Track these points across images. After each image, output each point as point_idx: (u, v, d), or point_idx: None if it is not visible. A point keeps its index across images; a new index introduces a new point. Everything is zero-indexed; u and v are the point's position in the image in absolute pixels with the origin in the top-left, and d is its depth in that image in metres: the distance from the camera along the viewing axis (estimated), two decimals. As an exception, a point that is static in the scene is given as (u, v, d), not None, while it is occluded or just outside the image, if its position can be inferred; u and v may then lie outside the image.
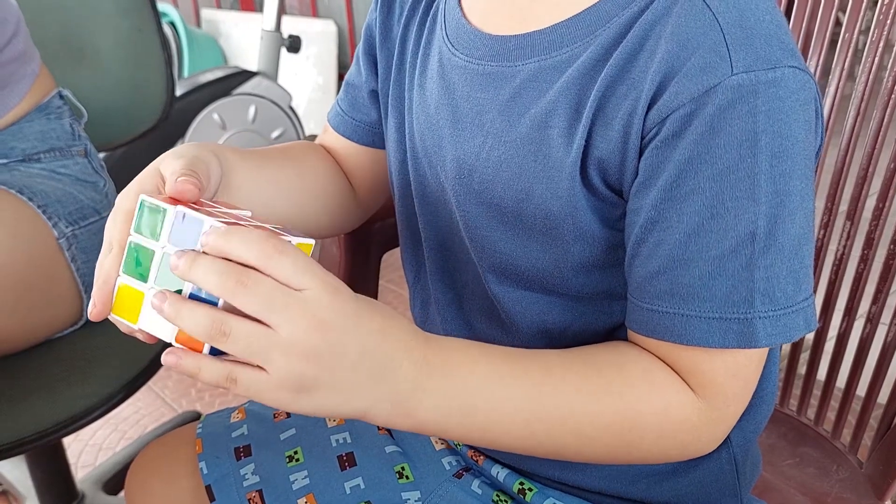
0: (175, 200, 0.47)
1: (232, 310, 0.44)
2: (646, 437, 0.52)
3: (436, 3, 0.63)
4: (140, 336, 0.48)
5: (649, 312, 0.50)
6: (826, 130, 0.79)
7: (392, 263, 0.81)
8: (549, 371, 0.51)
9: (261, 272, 0.43)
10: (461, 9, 0.59)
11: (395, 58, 0.65)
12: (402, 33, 0.65)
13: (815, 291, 0.53)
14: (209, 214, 0.45)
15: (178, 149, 0.54)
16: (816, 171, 0.80)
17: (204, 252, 0.44)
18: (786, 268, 0.48)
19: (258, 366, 0.44)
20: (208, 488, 0.66)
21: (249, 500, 0.64)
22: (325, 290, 0.44)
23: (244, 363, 0.44)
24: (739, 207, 0.47)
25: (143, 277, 0.46)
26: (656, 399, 0.51)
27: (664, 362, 0.52)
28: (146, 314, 0.46)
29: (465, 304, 0.62)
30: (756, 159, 0.46)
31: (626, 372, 0.51)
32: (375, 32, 0.67)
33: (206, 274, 0.43)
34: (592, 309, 0.56)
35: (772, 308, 0.48)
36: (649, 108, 0.48)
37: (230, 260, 0.43)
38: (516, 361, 0.51)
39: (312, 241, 0.48)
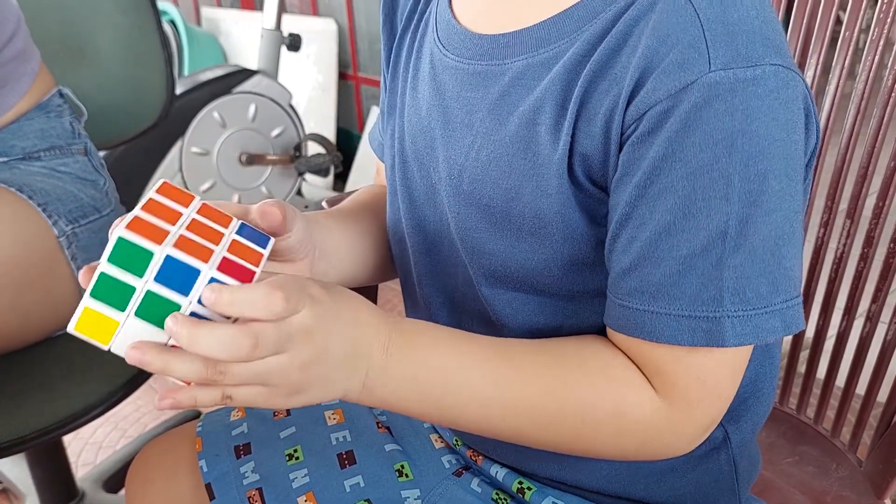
0: (156, 234, 0.45)
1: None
2: (601, 431, 0.52)
3: (429, 8, 0.63)
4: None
5: (621, 308, 0.50)
6: (826, 129, 0.79)
7: (392, 261, 0.81)
8: (510, 358, 0.52)
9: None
10: (452, 11, 0.59)
11: (390, 68, 0.66)
12: (398, 43, 0.65)
13: (815, 290, 0.53)
14: (184, 243, 0.45)
15: None
16: (816, 169, 0.80)
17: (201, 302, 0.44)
18: (758, 269, 0.47)
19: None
20: (208, 486, 0.66)
21: (249, 498, 0.64)
22: (307, 303, 0.46)
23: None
24: (712, 207, 0.46)
25: (119, 307, 0.44)
26: (611, 395, 0.51)
27: (632, 360, 0.52)
28: (122, 339, 0.45)
29: (456, 307, 0.62)
30: (731, 159, 0.45)
31: (585, 365, 0.52)
32: (384, 54, 0.68)
33: (217, 345, 0.43)
34: (583, 309, 0.56)
35: (742, 308, 0.47)
36: (628, 104, 0.48)
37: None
38: (479, 348, 0.52)
39: (272, 239, 0.50)
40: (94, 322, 0.45)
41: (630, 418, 0.51)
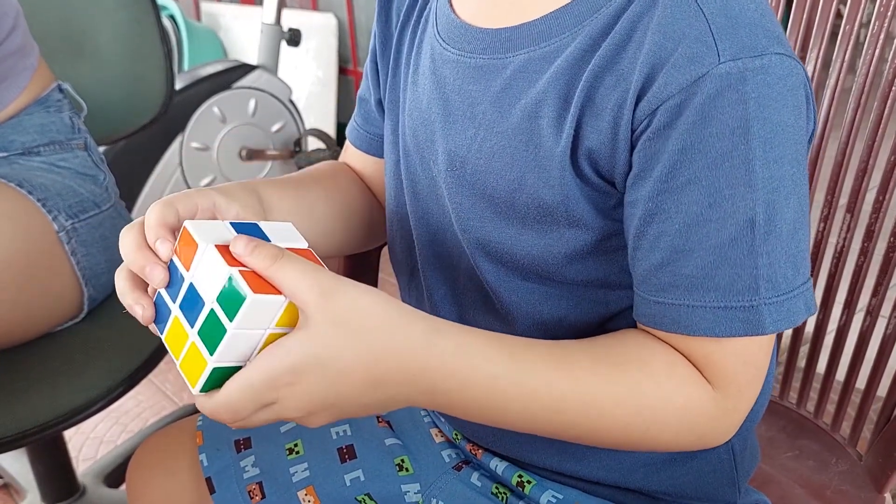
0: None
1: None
2: (666, 430, 0.52)
3: (428, 5, 0.63)
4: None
5: (656, 305, 0.51)
6: (826, 123, 0.79)
7: (392, 257, 0.81)
8: (571, 377, 0.51)
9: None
10: (451, 6, 0.59)
11: (390, 63, 0.66)
12: (398, 39, 0.65)
13: (815, 284, 0.54)
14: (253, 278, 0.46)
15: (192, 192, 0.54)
16: (816, 164, 0.80)
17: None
18: (785, 253, 0.48)
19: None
20: (208, 480, 0.66)
21: (249, 492, 0.64)
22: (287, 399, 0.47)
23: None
24: (736, 195, 0.47)
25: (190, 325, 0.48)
26: (678, 396, 0.51)
27: (682, 354, 0.52)
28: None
29: (460, 298, 0.62)
30: (749, 146, 0.46)
31: (649, 369, 0.51)
32: (377, 43, 0.68)
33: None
34: (588, 298, 0.56)
35: (775, 294, 0.48)
36: (638, 100, 0.48)
37: None
38: (534, 376, 0.50)
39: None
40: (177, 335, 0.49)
41: (693, 414, 0.51)
